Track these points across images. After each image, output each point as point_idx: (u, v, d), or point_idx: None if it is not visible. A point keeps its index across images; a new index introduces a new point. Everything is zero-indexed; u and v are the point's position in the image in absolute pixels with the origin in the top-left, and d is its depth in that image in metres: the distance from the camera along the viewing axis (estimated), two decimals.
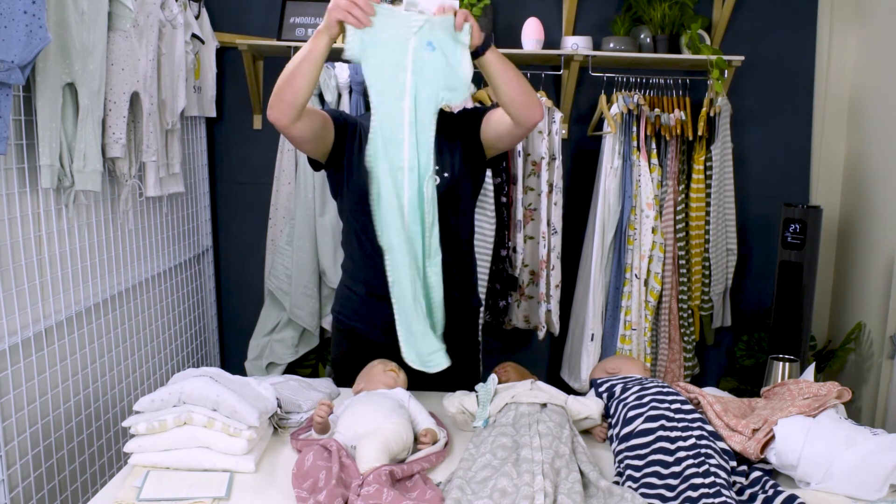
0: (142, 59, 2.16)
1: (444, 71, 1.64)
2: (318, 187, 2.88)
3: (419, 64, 1.63)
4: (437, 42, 1.62)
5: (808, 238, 2.80)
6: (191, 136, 2.95)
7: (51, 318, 1.96)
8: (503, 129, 1.79)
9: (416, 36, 1.62)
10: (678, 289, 3.07)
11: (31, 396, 1.89)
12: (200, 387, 1.51)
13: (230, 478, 1.45)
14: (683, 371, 3.09)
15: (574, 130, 3.23)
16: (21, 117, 1.82)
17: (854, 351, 3.02)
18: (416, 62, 1.63)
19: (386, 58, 1.63)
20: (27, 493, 1.86)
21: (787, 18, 3.21)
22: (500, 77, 1.66)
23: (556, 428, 1.51)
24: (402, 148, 1.65)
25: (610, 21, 3.14)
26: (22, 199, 1.85)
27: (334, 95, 2.89)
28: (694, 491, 1.35)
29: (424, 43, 1.62)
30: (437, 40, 1.62)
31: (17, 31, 1.52)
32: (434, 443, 1.57)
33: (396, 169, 1.65)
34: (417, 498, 1.34)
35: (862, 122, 3.12)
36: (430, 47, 1.63)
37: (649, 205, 2.86)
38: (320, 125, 1.79)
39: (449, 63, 1.63)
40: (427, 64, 1.63)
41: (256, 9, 3.11)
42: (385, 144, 1.64)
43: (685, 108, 2.98)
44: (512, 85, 1.67)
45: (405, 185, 1.66)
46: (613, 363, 1.95)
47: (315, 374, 3.14)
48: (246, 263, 3.28)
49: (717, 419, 1.60)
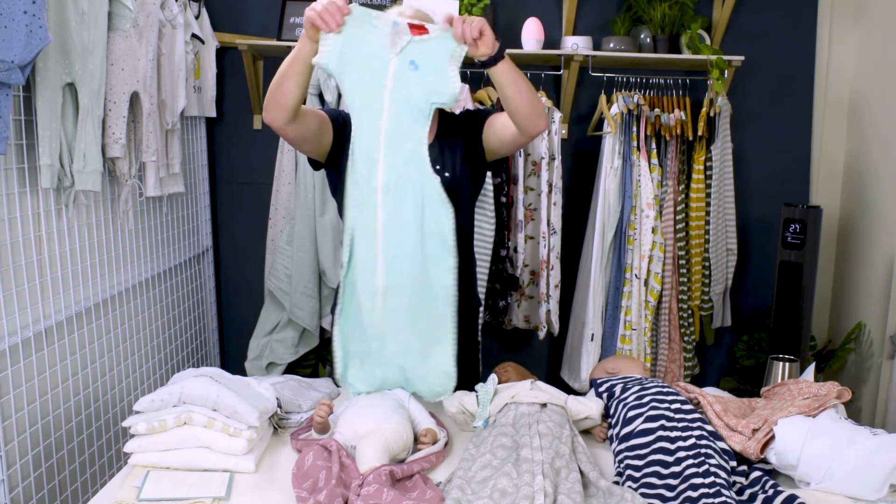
0: (142, 59, 2.16)
1: (427, 88, 1.61)
2: (318, 187, 2.88)
3: (400, 82, 1.60)
4: (420, 61, 1.59)
5: (808, 238, 2.80)
6: (191, 136, 2.95)
7: (51, 318, 1.96)
8: (507, 135, 1.78)
9: (398, 56, 1.60)
10: (678, 289, 3.07)
11: (31, 396, 1.89)
12: (200, 387, 1.51)
13: (230, 478, 1.45)
14: (683, 371, 3.10)
15: (574, 130, 3.23)
16: (21, 117, 1.82)
17: (854, 351, 3.02)
18: (396, 80, 1.60)
19: (365, 73, 1.61)
20: (27, 493, 1.86)
21: (787, 18, 3.21)
22: (510, 88, 1.64)
23: (556, 428, 1.51)
24: (376, 168, 1.63)
25: (610, 21, 3.14)
26: (22, 199, 1.85)
27: (334, 95, 2.89)
28: (694, 491, 1.35)
29: (407, 62, 1.59)
30: (420, 59, 1.59)
31: (17, 31, 1.52)
32: (434, 443, 1.57)
33: (371, 190, 1.63)
34: (417, 498, 1.34)
35: (862, 122, 3.12)
36: (412, 66, 1.60)
37: (649, 205, 2.86)
38: (317, 126, 1.79)
39: (433, 80, 1.60)
40: (409, 82, 1.61)
41: (256, 9, 3.11)
42: (362, 163, 1.63)
43: (685, 108, 2.98)
44: (521, 96, 1.65)
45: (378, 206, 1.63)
46: (613, 363, 1.95)
47: (315, 374, 3.14)
48: (246, 263, 3.28)
49: (717, 419, 1.60)
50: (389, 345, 1.68)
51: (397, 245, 1.64)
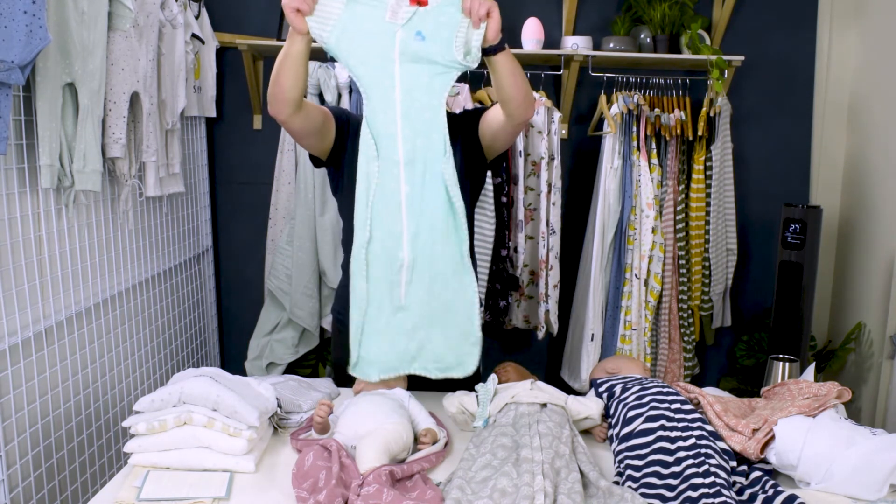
0: (142, 59, 2.16)
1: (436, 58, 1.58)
2: (318, 187, 2.88)
3: (408, 55, 1.58)
4: (427, 31, 1.57)
5: (808, 238, 2.80)
6: (191, 136, 2.95)
7: (51, 318, 1.96)
8: (497, 124, 1.79)
9: (403, 28, 1.57)
10: (678, 289, 3.07)
11: (31, 396, 1.89)
12: (200, 387, 1.51)
13: (230, 478, 1.45)
14: (683, 371, 3.10)
15: (574, 130, 3.23)
16: (21, 117, 1.82)
17: (854, 351, 3.02)
18: (404, 53, 1.58)
19: (371, 48, 1.58)
20: (27, 493, 1.86)
21: (787, 18, 3.21)
22: (507, 78, 1.64)
23: (556, 428, 1.51)
24: (395, 141, 1.62)
25: (610, 21, 3.14)
26: (22, 199, 1.85)
27: (334, 95, 2.89)
28: (694, 491, 1.35)
29: (413, 33, 1.57)
30: (427, 29, 1.57)
31: (17, 31, 1.52)
32: (434, 443, 1.57)
33: (392, 164, 1.62)
34: (417, 498, 1.34)
35: (862, 122, 3.12)
36: (419, 37, 1.57)
37: (649, 205, 2.86)
38: (321, 121, 1.79)
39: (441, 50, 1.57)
40: (417, 53, 1.58)
41: (256, 9, 3.11)
42: (378, 139, 1.62)
43: (685, 108, 2.98)
44: (516, 85, 1.66)
45: (402, 180, 1.63)
46: (613, 363, 1.95)
47: (315, 374, 3.14)
48: (246, 263, 3.28)
49: (717, 419, 1.60)
50: (412, 317, 1.66)
51: (421, 216, 1.64)
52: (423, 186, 1.63)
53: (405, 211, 1.63)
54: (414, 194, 1.63)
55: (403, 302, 1.65)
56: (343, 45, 1.58)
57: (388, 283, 1.65)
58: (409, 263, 1.63)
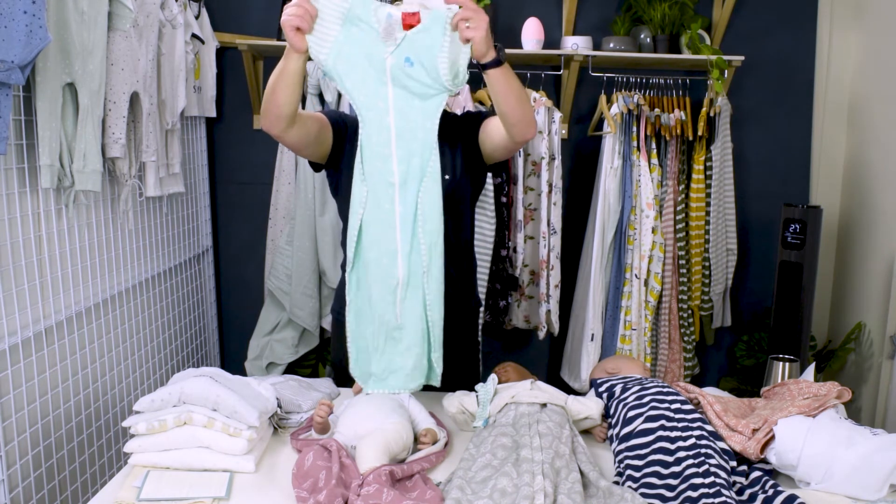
0: (142, 59, 2.16)
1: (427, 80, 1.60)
2: (318, 187, 2.88)
3: (399, 80, 1.60)
4: (415, 57, 1.59)
5: (808, 238, 2.80)
6: (191, 136, 2.95)
7: (51, 318, 1.96)
8: (498, 139, 1.79)
9: (392, 55, 1.59)
10: (678, 289, 3.07)
11: (31, 396, 1.89)
12: (200, 387, 1.51)
13: (230, 478, 1.45)
14: (683, 371, 3.10)
15: (574, 130, 3.23)
16: (21, 117, 1.82)
17: (854, 351, 3.02)
18: (395, 78, 1.60)
19: (366, 72, 1.60)
20: (27, 493, 1.86)
21: (787, 18, 3.21)
22: (503, 95, 1.64)
23: (556, 428, 1.51)
24: (390, 162, 1.63)
25: (610, 21, 3.14)
26: (22, 199, 1.85)
27: (334, 96, 2.89)
28: (694, 491, 1.35)
29: (402, 59, 1.59)
30: (414, 55, 1.59)
31: (17, 31, 1.52)
32: (434, 443, 1.57)
33: (388, 185, 1.63)
34: (417, 498, 1.34)
35: (862, 122, 3.12)
36: (407, 63, 1.59)
37: (649, 205, 2.86)
38: (316, 131, 1.79)
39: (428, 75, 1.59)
40: (408, 78, 1.60)
41: (256, 9, 3.11)
42: (373, 160, 1.63)
43: (685, 108, 2.98)
44: (513, 105, 1.65)
45: (396, 200, 1.63)
46: (613, 363, 1.95)
47: (315, 374, 3.14)
48: (246, 263, 3.28)
49: (717, 419, 1.60)
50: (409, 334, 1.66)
51: (414, 235, 1.64)
52: (417, 206, 1.64)
53: (399, 230, 1.63)
54: (407, 214, 1.63)
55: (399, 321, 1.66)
56: (339, 67, 1.60)
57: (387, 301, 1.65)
58: (405, 282, 1.64)
